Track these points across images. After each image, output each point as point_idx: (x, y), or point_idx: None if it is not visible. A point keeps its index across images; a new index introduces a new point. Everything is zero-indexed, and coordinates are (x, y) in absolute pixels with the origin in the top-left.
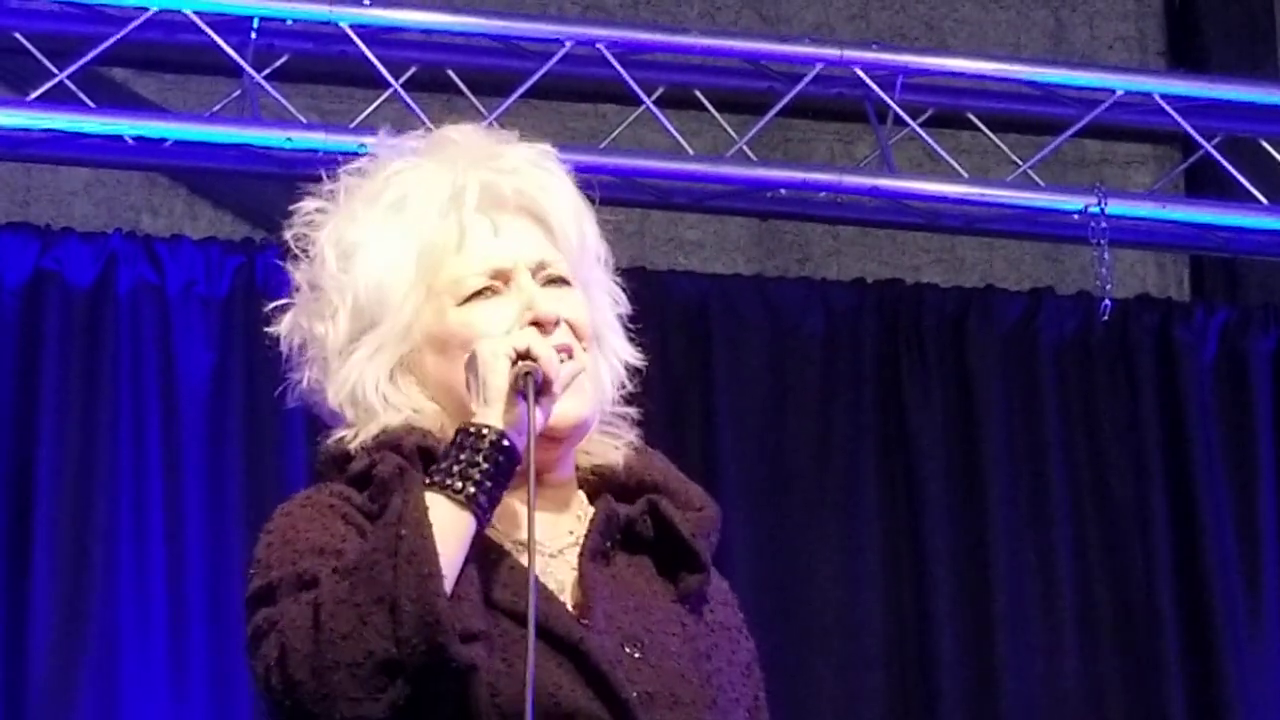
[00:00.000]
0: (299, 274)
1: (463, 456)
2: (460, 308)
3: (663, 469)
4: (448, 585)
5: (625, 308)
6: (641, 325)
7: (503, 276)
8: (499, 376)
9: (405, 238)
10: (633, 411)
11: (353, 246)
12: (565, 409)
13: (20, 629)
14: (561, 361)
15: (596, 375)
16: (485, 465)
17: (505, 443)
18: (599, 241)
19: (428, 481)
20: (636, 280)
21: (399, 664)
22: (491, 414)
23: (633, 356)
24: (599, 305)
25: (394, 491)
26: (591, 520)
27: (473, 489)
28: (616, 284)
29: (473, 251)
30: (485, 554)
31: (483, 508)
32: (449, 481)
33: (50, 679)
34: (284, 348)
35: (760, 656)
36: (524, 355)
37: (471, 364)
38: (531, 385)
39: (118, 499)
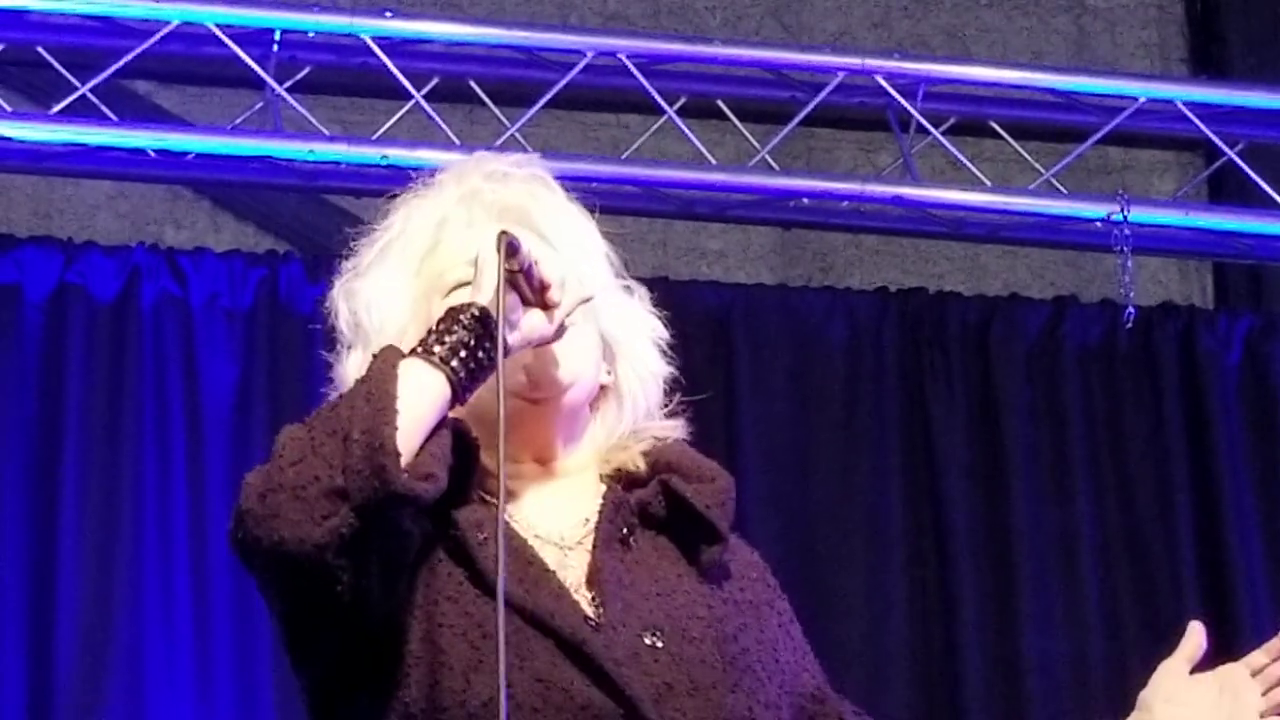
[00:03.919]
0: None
1: (442, 326)
2: (445, 299)
3: (677, 450)
4: (413, 438)
5: (660, 334)
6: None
7: None
8: (493, 262)
9: (395, 257)
10: (679, 424)
11: (357, 282)
12: (567, 360)
13: (46, 640)
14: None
15: (595, 350)
16: (461, 334)
17: (487, 318)
18: (609, 261)
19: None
20: (659, 290)
21: (344, 491)
22: (480, 295)
23: (663, 373)
24: (615, 320)
25: None
26: (600, 509)
27: (445, 352)
28: (653, 313)
29: (449, 247)
30: (506, 547)
31: (457, 373)
32: (424, 348)
33: (76, 690)
34: None
35: None
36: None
37: (475, 262)
38: (504, 243)
39: (142, 511)
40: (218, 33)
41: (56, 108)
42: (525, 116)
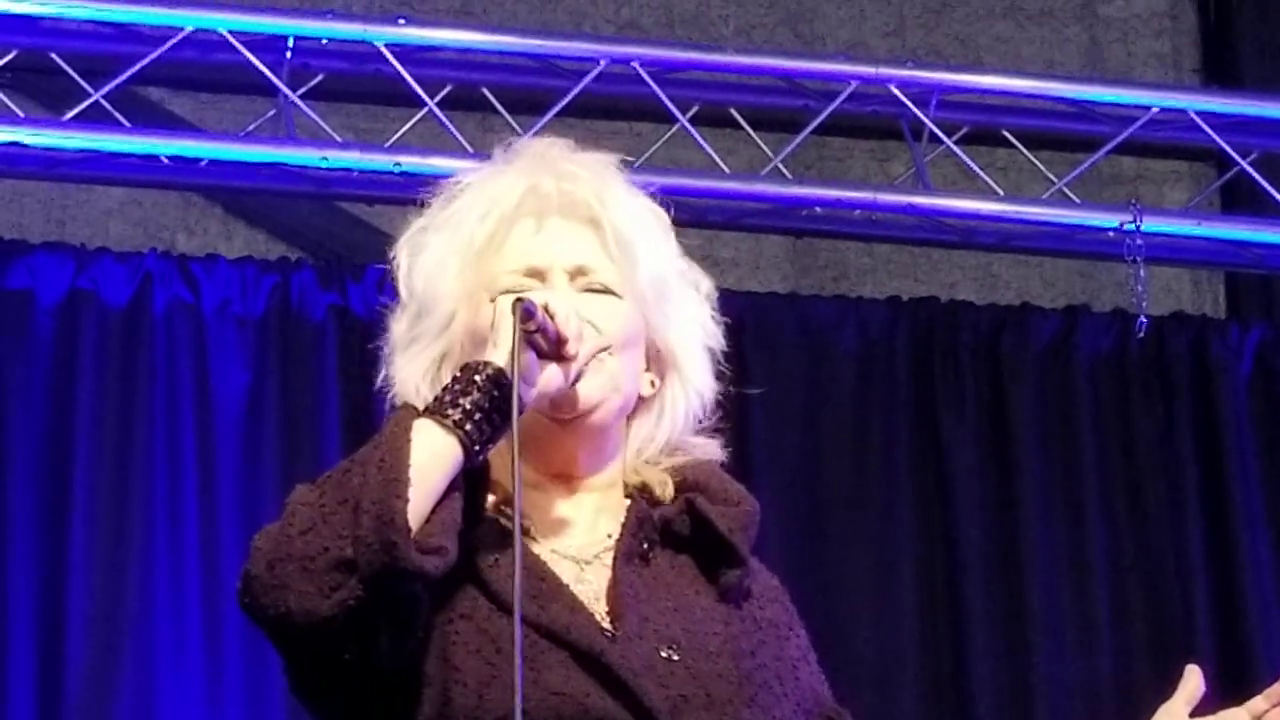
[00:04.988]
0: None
1: (457, 387)
2: (494, 303)
3: (707, 470)
4: (423, 504)
5: (717, 342)
6: None
7: (538, 275)
8: (509, 321)
9: (454, 239)
10: (717, 444)
11: (418, 248)
12: (587, 390)
13: (57, 645)
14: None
15: (629, 373)
16: (476, 396)
17: (502, 379)
18: (677, 263)
19: (421, 412)
20: None
21: (353, 563)
22: (496, 354)
23: (710, 390)
24: (672, 328)
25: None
26: (624, 524)
27: (460, 415)
28: (714, 318)
29: (511, 249)
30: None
31: (471, 437)
32: (438, 409)
33: (87, 694)
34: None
35: None
36: (542, 309)
37: (493, 314)
38: (520, 309)
39: (153, 517)
40: (231, 39)
41: (69, 114)
42: (538, 124)
